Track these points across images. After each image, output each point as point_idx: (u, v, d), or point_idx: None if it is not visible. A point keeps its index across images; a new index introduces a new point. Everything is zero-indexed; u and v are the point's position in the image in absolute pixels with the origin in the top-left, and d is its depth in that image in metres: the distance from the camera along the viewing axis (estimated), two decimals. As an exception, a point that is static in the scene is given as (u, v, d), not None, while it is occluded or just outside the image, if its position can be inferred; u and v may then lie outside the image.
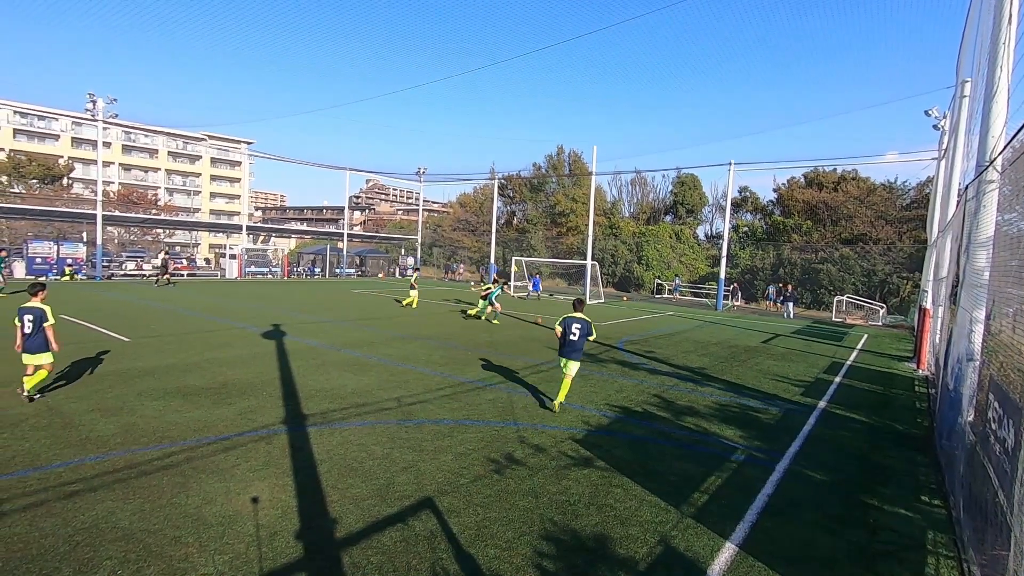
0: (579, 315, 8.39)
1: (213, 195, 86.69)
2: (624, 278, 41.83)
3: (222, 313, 17.81)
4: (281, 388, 8.79)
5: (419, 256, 50.48)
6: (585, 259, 32.89)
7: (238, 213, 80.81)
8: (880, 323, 27.59)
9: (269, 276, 40.43)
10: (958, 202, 10.58)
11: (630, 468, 6.15)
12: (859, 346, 18.48)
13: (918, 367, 14.34)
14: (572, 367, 8.36)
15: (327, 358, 11.27)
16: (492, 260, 44.04)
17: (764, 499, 5.59)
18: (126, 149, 79.06)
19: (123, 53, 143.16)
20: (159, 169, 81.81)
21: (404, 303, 22.99)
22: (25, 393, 7.46)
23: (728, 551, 4.52)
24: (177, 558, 3.99)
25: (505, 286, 24.88)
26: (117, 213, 42.51)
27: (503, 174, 50.67)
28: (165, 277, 28.85)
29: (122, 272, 35.60)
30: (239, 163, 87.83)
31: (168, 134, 78.18)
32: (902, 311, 29.80)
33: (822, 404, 9.77)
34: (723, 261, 31.80)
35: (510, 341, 14.74)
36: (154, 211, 60.01)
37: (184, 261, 41.29)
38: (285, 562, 4.03)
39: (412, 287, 22.95)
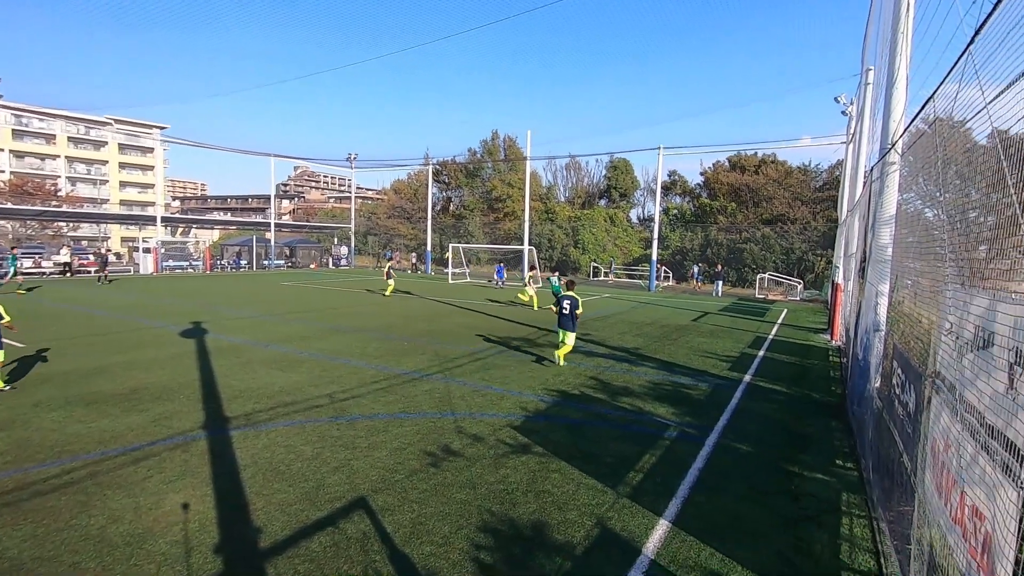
0: (570, 293, 10.63)
1: (123, 184, 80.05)
2: (561, 262, 42.32)
3: (136, 312, 16.52)
4: (201, 390, 8.23)
5: (353, 245, 48.95)
6: (522, 244, 32.99)
7: (152, 203, 75.16)
8: (798, 298, 29.44)
9: (190, 270, 37.94)
10: (864, 183, 11.31)
11: (567, 452, 6.19)
12: (779, 320, 19.61)
13: (832, 338, 15.37)
14: (568, 336, 10.53)
15: (253, 355, 10.68)
16: (429, 247, 43.40)
17: (695, 474, 5.78)
18: (17, 134, 71.43)
19: (6, 27, 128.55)
20: (58, 156, 74.58)
21: (388, 293, 23.26)
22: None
23: (662, 528, 4.63)
24: (76, 586, 3.61)
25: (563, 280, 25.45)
26: (9, 205, 38.46)
27: (438, 159, 49.78)
28: (104, 273, 27.46)
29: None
30: (151, 149, 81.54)
31: (67, 118, 71.19)
32: (817, 286, 31.87)
33: (747, 378, 10.26)
34: (655, 243, 32.79)
35: (448, 330, 14.55)
36: (54, 202, 54.71)
37: (91, 257, 37.97)
38: (202, 580, 3.74)
39: (388, 276, 23.47)
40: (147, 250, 36.07)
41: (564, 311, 10.48)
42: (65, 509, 4.61)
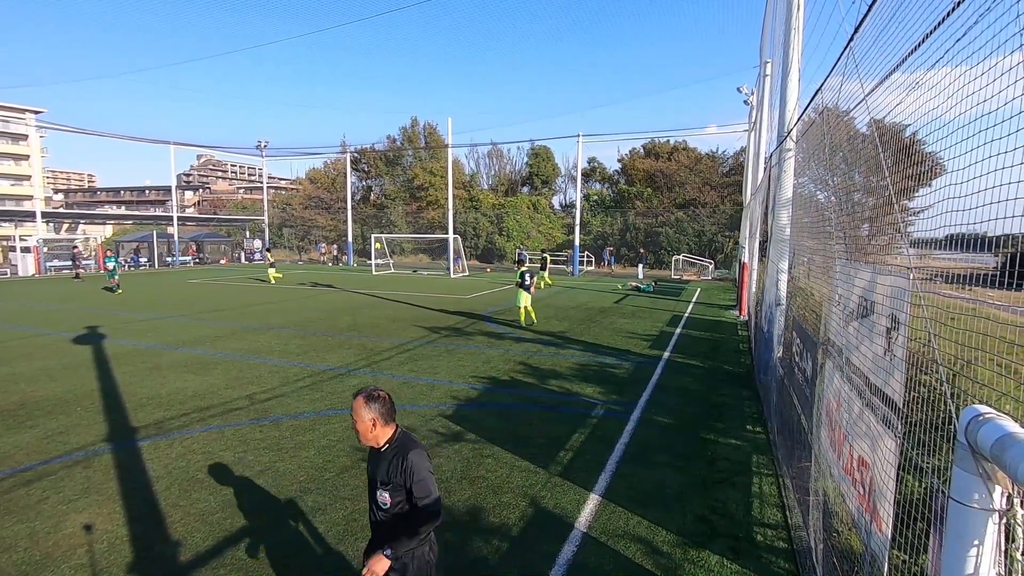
0: (525, 268, 14.69)
1: (-8, 176, 71.03)
2: (487, 250, 42.46)
3: (16, 319, 14.82)
4: (101, 400, 7.56)
5: (267, 238, 46.45)
6: (447, 233, 32.72)
7: (30, 197, 67.27)
8: (710, 277, 31.34)
9: (81, 270, 34.42)
10: (765, 168, 12.18)
11: (500, 437, 6.28)
12: (694, 299, 20.80)
13: (740, 314, 16.52)
14: (528, 298, 14.17)
15: (161, 360, 9.92)
16: (350, 238, 42.04)
17: (622, 448, 6.05)
18: None
19: None
20: (-94, 145, 64.80)
21: (272, 280, 25.59)
22: None
23: (592, 501, 4.83)
24: (-38, 626, 3.25)
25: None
26: None
27: (356, 147, 48.13)
28: (78, 271, 27.63)
29: None
30: (25, 136, 72.76)
31: (-85, 100, 61.86)
32: (726, 266, 34.04)
33: (666, 354, 10.83)
34: (577, 229, 33.65)
35: (374, 323, 14.23)
36: (-96, 198, 47.65)
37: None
38: (115, 602, 3.48)
39: (271, 264, 26.35)
40: (26, 249, 32.31)
41: (526, 282, 14.11)
42: (-57, 543, 4.11)
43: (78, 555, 3.96)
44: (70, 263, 29.61)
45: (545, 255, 27.28)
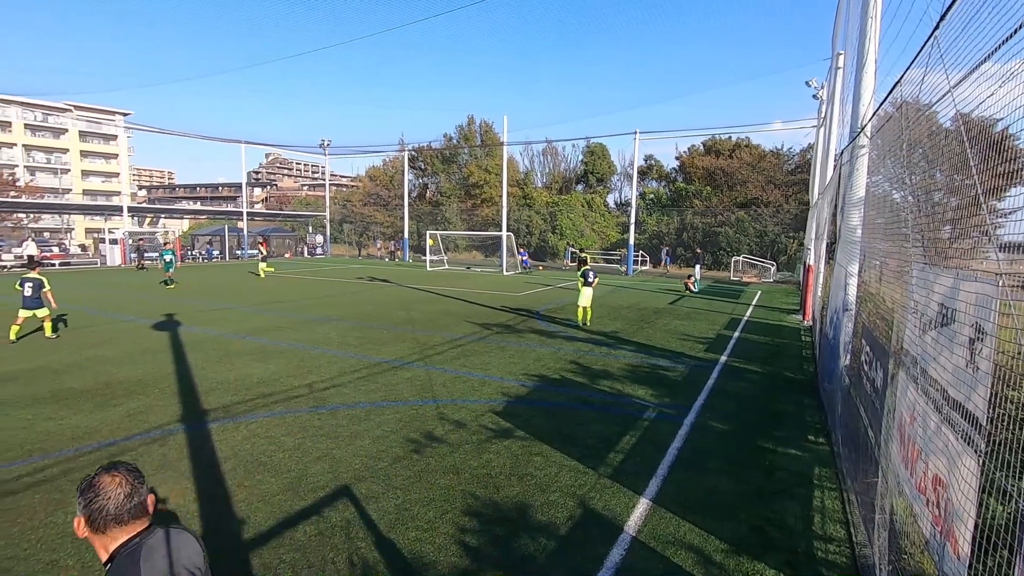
0: (588, 267, 14.38)
1: (86, 173, 77.17)
2: (540, 248, 42.40)
3: (103, 306, 16.07)
4: (176, 384, 8.09)
5: (328, 233, 48.23)
6: (500, 230, 32.93)
7: (118, 193, 72.66)
8: (771, 280, 30.05)
9: (160, 262, 36.93)
10: (834, 166, 11.55)
11: (549, 435, 6.27)
12: (754, 302, 20.01)
13: (804, 318, 15.76)
14: (589, 297, 13.82)
15: (229, 347, 10.51)
16: (406, 235, 43.01)
17: (674, 453, 5.91)
18: (-31, 122, 68.16)
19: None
20: (14, 144, 71.47)
21: (262, 275, 25.34)
22: (12, 340, 10.68)
23: (642, 506, 4.74)
24: (55, 584, 3.56)
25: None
26: (-36, 196, 36.77)
27: (413, 145, 49.14)
28: (142, 262, 30.45)
29: (-24, 264, 31.01)
30: (115, 137, 78.67)
31: (22, 104, 68.21)
32: (790, 268, 32.53)
33: (723, 358, 10.48)
34: (632, 228, 33.06)
35: (428, 317, 14.51)
36: (12, 193, 52.62)
37: (55, 249, 36.72)
38: (186, 572, 3.72)
39: (263, 259, 26.13)
40: (114, 241, 34.97)
41: (589, 279, 13.88)
42: (40, 507, 4.52)
43: (154, 526, 4.26)
44: (135, 254, 31.87)
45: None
